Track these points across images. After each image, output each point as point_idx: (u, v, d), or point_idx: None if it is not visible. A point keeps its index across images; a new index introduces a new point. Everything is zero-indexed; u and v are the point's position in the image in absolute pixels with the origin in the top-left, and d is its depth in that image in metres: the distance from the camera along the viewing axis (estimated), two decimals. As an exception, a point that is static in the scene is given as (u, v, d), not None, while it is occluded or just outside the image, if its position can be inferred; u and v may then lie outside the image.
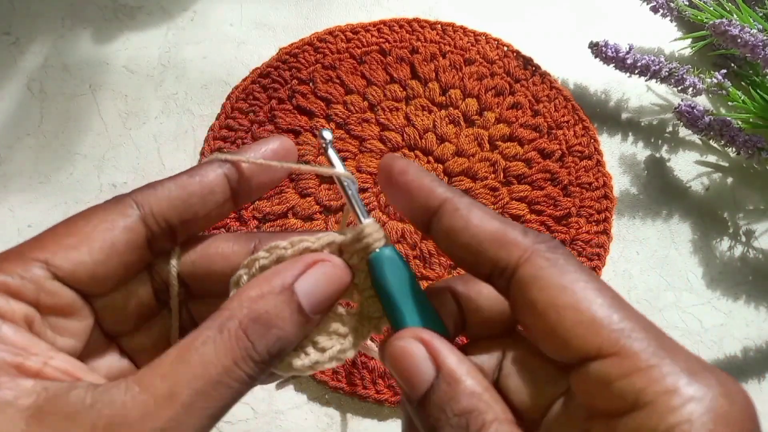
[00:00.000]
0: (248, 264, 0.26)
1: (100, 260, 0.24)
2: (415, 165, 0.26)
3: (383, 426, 0.51)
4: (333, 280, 0.25)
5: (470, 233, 0.23)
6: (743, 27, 0.54)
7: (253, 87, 0.61)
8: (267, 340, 0.23)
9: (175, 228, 0.26)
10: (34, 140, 0.59)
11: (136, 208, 0.26)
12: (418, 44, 0.63)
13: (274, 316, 0.23)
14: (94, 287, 0.25)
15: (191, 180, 0.27)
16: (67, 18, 0.65)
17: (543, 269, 0.22)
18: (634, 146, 0.62)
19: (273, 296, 0.23)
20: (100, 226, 0.25)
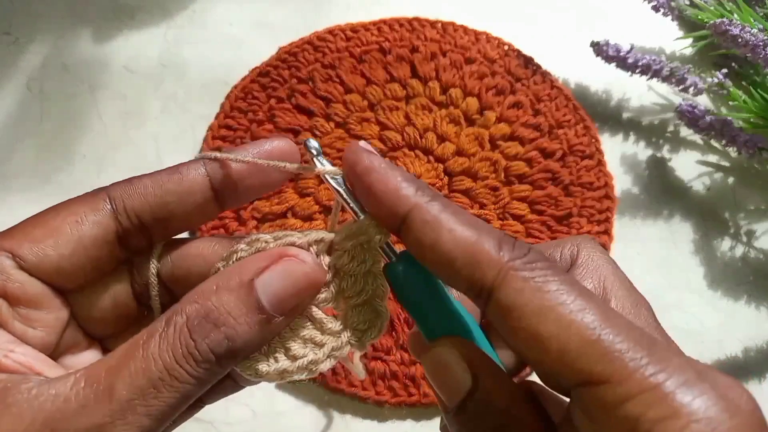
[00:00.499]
0: (227, 257, 0.25)
1: (66, 254, 0.24)
2: (379, 160, 0.23)
3: (383, 427, 0.50)
4: (299, 278, 0.23)
5: (440, 250, 0.21)
6: (744, 27, 0.54)
7: (253, 86, 0.61)
8: (211, 339, 0.21)
9: (148, 226, 0.25)
10: (33, 140, 0.59)
11: (108, 203, 0.25)
12: (419, 43, 0.63)
13: (225, 313, 0.21)
14: (61, 280, 0.24)
15: (169, 177, 0.26)
16: (67, 18, 0.65)
17: (520, 293, 0.20)
18: (636, 146, 0.62)
19: (227, 292, 0.22)
20: (68, 219, 0.24)
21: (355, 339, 0.25)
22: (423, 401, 0.50)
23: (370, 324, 0.25)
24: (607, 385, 0.19)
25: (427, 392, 0.50)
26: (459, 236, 0.21)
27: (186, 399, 0.21)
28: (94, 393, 0.20)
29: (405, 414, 0.51)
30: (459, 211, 0.22)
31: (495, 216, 0.57)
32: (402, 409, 0.50)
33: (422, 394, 0.50)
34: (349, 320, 0.25)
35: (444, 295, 0.25)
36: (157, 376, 0.20)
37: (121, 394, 0.20)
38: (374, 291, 0.26)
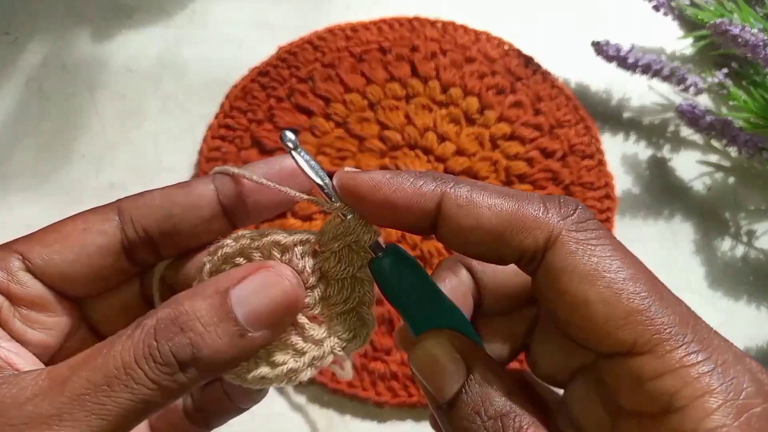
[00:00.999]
0: (213, 251, 0.25)
1: (70, 260, 0.24)
2: (377, 173, 0.22)
3: (383, 428, 0.50)
4: (277, 292, 0.22)
5: (485, 228, 0.21)
6: (744, 26, 0.54)
7: (252, 86, 0.61)
8: (174, 342, 0.21)
9: (155, 239, 0.25)
10: (33, 140, 0.59)
11: (116, 214, 0.25)
12: (419, 42, 0.63)
13: (194, 318, 0.21)
14: (65, 285, 0.25)
15: (177, 190, 0.26)
16: (67, 18, 0.65)
17: (572, 255, 0.20)
18: (636, 146, 0.62)
19: (201, 299, 0.21)
20: (77, 227, 0.25)
21: (339, 348, 0.24)
22: (423, 402, 0.50)
23: (356, 333, 0.25)
24: (647, 356, 0.19)
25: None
26: (500, 209, 0.21)
27: (144, 405, 0.20)
28: (49, 385, 0.20)
29: (405, 414, 0.50)
30: (488, 187, 0.21)
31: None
32: (402, 409, 0.50)
33: (422, 394, 0.50)
34: (333, 328, 0.24)
35: (434, 289, 0.24)
36: (113, 373, 0.20)
37: (74, 387, 0.19)
38: (361, 298, 0.25)
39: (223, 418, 0.29)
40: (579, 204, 0.21)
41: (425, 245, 0.55)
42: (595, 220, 0.21)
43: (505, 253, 0.21)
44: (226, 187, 0.26)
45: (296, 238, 0.24)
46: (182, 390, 0.21)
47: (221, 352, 0.21)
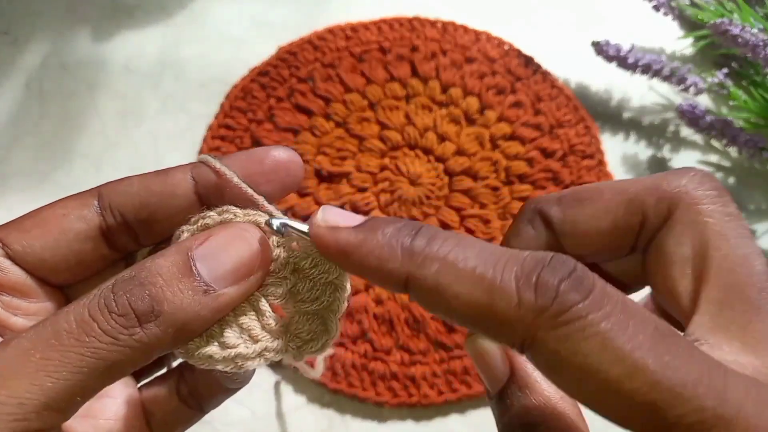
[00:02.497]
0: (192, 221, 0.24)
1: (49, 245, 0.24)
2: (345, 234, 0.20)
3: (383, 428, 0.50)
4: (240, 246, 0.22)
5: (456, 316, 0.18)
6: (744, 26, 0.54)
7: (252, 86, 0.61)
8: (132, 293, 0.20)
9: (133, 225, 0.25)
10: (32, 139, 0.59)
11: (96, 199, 0.25)
12: (419, 42, 0.63)
13: (154, 274, 0.20)
14: (44, 271, 0.25)
15: (155, 179, 0.25)
16: (66, 17, 0.65)
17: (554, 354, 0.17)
18: (636, 146, 0.62)
19: (162, 258, 0.21)
20: (56, 212, 0.25)
21: (294, 347, 0.23)
22: (423, 402, 0.50)
23: (314, 336, 0.24)
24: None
25: (426, 393, 0.50)
26: (467, 301, 0.18)
27: (99, 363, 0.19)
28: (11, 353, 0.19)
29: (405, 414, 0.50)
30: (459, 258, 0.18)
31: (495, 216, 0.56)
32: (402, 409, 0.50)
33: (422, 394, 0.50)
34: (293, 325, 0.23)
35: None
36: (63, 327, 0.19)
37: (19, 343, 0.19)
38: (330, 304, 0.24)
39: (215, 400, 0.28)
40: (564, 278, 0.17)
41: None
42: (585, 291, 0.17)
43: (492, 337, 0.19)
44: (204, 178, 0.25)
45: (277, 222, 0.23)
46: (143, 350, 0.20)
47: (183, 308, 0.20)
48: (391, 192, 0.56)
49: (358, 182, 0.57)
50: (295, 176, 0.25)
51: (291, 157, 0.25)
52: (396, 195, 0.56)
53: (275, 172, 0.25)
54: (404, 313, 0.52)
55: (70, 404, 0.19)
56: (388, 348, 0.51)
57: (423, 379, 0.50)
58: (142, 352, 0.20)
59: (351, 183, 0.57)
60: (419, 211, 0.56)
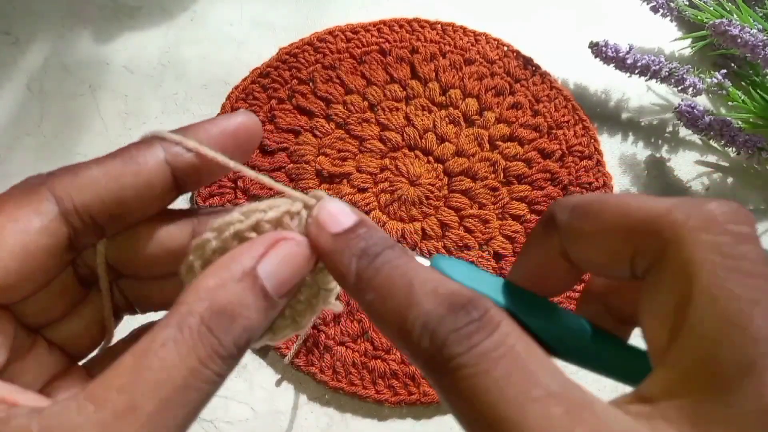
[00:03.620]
0: (219, 228, 0.23)
1: (12, 270, 0.20)
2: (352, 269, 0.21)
3: (383, 426, 0.51)
4: (298, 260, 0.22)
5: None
6: (743, 27, 0.54)
7: (253, 87, 0.61)
8: (234, 334, 0.20)
9: (102, 225, 0.22)
10: (33, 140, 0.59)
11: (53, 202, 0.21)
12: (418, 44, 0.63)
13: (238, 305, 0.20)
14: (6, 297, 0.21)
15: (124, 168, 0.22)
16: (67, 18, 0.65)
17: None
18: (635, 146, 0.62)
19: (234, 284, 0.20)
20: (9, 228, 0.20)
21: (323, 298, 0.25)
22: (423, 400, 0.50)
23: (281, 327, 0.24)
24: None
25: (427, 391, 0.50)
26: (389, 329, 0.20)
27: (210, 398, 0.20)
28: (112, 415, 0.18)
29: (405, 413, 0.51)
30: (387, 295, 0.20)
31: (494, 216, 0.57)
32: (402, 408, 0.51)
33: (422, 393, 0.50)
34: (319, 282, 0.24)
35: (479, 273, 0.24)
36: (182, 383, 0.19)
37: (148, 409, 0.18)
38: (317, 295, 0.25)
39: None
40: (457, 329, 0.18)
41: (425, 245, 0.55)
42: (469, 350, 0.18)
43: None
44: (176, 157, 0.23)
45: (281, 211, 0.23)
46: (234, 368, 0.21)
47: (262, 326, 0.21)
48: (391, 192, 0.57)
49: (359, 183, 0.57)
50: (258, 138, 0.25)
51: (255, 121, 0.24)
52: (396, 195, 0.57)
53: (246, 141, 0.24)
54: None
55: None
56: (388, 347, 0.51)
57: (423, 378, 0.51)
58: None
59: (351, 183, 0.57)
60: (419, 211, 0.56)
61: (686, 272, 0.17)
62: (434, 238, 0.55)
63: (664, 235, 0.18)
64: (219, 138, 0.24)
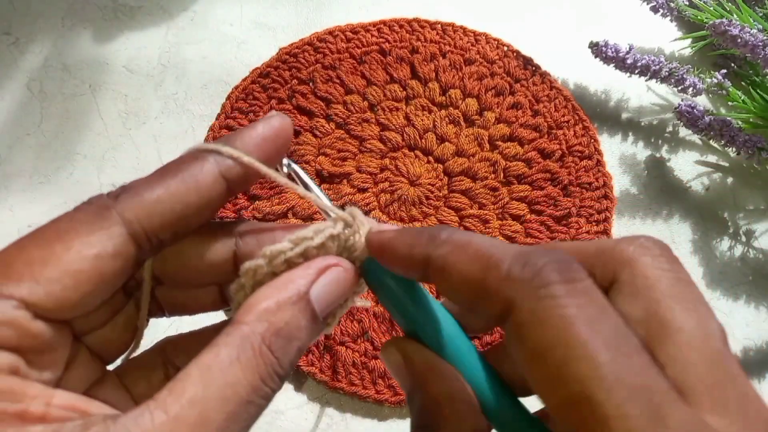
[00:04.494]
0: (249, 270, 0.24)
1: (87, 292, 0.21)
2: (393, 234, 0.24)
3: (383, 426, 0.51)
4: (344, 285, 0.25)
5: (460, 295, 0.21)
6: (743, 27, 0.54)
7: (253, 87, 0.61)
8: (290, 354, 0.22)
9: (165, 241, 0.23)
10: (33, 140, 0.59)
11: (122, 225, 0.22)
12: (418, 44, 0.63)
13: (294, 327, 0.22)
14: (76, 318, 0.22)
15: (186, 188, 0.23)
16: (67, 18, 0.65)
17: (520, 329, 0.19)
18: (634, 146, 0.62)
19: (290, 306, 0.22)
20: (84, 253, 0.21)
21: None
22: (423, 401, 0.50)
23: None
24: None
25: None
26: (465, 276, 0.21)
27: (263, 410, 0.22)
28: (185, 426, 0.19)
29: (405, 413, 0.51)
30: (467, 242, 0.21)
31: (494, 216, 0.57)
32: (402, 408, 0.51)
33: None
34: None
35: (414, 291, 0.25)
36: (246, 399, 0.20)
37: (217, 423, 0.19)
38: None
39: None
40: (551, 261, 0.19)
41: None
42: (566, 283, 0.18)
43: (482, 315, 0.22)
44: (228, 169, 0.24)
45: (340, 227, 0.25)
46: None
47: (309, 345, 0.23)
48: (391, 192, 0.57)
49: (359, 183, 0.57)
50: (290, 137, 0.26)
51: (288, 121, 0.26)
52: (396, 195, 0.57)
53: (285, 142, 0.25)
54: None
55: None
56: (388, 347, 0.51)
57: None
58: None
59: (351, 183, 0.57)
60: (419, 211, 0.56)
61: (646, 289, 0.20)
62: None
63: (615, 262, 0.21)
64: (262, 145, 0.25)
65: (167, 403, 0.19)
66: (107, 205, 0.22)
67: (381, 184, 0.57)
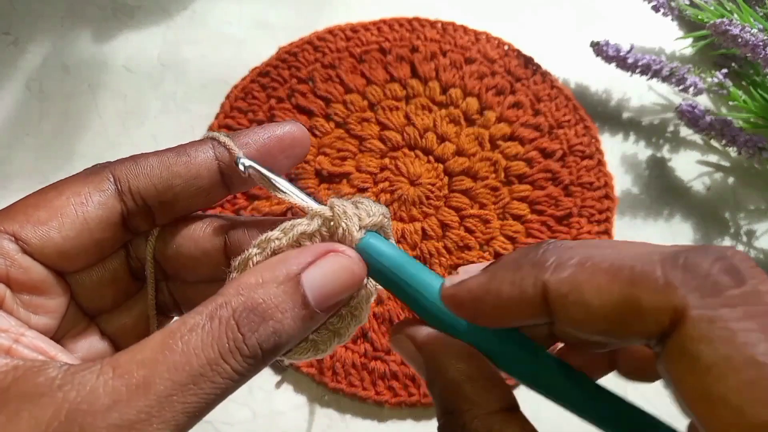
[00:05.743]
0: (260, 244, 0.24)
1: (70, 236, 0.23)
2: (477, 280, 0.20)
3: (383, 427, 0.50)
4: (347, 275, 0.22)
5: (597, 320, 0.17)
6: (744, 26, 0.54)
7: (253, 86, 0.61)
8: (260, 333, 0.20)
9: (152, 208, 0.25)
10: (33, 140, 0.59)
11: (113, 182, 0.24)
12: (418, 43, 0.63)
13: (273, 306, 0.20)
14: (63, 264, 0.23)
15: (177, 159, 0.24)
16: (67, 18, 0.65)
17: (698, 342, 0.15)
18: (636, 146, 0.62)
19: (275, 285, 0.21)
20: (72, 200, 0.23)
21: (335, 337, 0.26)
22: (423, 401, 0.50)
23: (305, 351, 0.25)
24: None
25: (426, 392, 0.50)
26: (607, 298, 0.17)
27: (224, 395, 0.20)
28: (126, 386, 0.18)
29: (405, 414, 0.51)
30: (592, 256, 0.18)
31: (495, 216, 0.57)
32: (402, 409, 0.50)
33: (422, 394, 0.50)
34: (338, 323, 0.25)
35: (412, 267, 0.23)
36: (199, 371, 0.19)
37: (159, 389, 0.18)
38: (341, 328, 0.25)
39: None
40: (717, 260, 0.16)
41: (425, 245, 0.55)
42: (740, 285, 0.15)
43: (627, 339, 0.18)
44: (225, 155, 0.25)
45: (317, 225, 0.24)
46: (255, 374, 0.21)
47: (295, 337, 0.21)
48: (391, 192, 0.57)
49: (359, 182, 0.57)
50: (305, 149, 0.26)
51: (304, 132, 0.26)
52: (396, 195, 0.56)
53: (292, 148, 0.26)
54: (404, 312, 0.52)
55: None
56: (388, 348, 0.51)
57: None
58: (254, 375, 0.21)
59: (351, 183, 0.57)
60: (419, 211, 0.56)
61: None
62: (434, 238, 0.55)
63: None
64: (267, 141, 0.25)
65: (120, 362, 0.19)
66: (104, 166, 0.25)
67: (381, 184, 0.57)
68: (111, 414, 0.18)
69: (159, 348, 0.19)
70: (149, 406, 0.18)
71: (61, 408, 0.18)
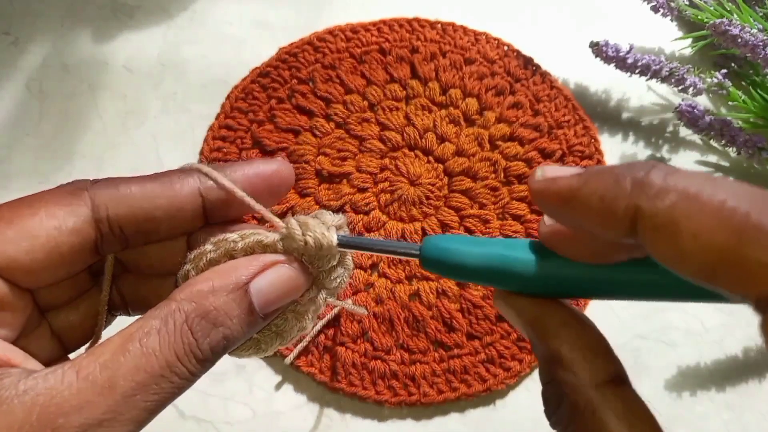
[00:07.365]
0: (194, 259, 0.25)
1: (39, 259, 0.23)
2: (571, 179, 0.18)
3: (383, 427, 0.50)
4: (290, 286, 0.24)
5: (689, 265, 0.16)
6: (743, 27, 0.54)
7: (253, 86, 0.61)
8: (212, 339, 0.22)
9: (128, 237, 0.25)
10: (33, 140, 0.59)
11: (89, 208, 0.23)
12: (418, 43, 0.63)
13: (223, 314, 0.22)
14: (29, 281, 0.23)
15: (161, 190, 0.24)
16: (67, 18, 0.65)
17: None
18: (635, 146, 0.62)
19: (224, 293, 0.22)
20: (45, 222, 0.23)
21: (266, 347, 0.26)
22: (423, 401, 0.50)
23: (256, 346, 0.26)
24: None
25: (426, 392, 0.50)
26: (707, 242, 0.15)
27: (180, 392, 0.22)
28: (91, 387, 0.20)
29: (405, 413, 0.51)
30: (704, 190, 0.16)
31: (495, 216, 0.57)
32: (402, 408, 0.50)
33: (422, 393, 0.50)
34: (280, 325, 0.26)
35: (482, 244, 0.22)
36: (159, 372, 0.21)
37: (124, 389, 0.20)
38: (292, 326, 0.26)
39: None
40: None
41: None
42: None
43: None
44: (210, 188, 0.25)
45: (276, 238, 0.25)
46: (205, 372, 0.23)
47: (241, 339, 0.23)
48: (391, 192, 0.57)
49: (359, 183, 0.57)
50: (290, 186, 0.27)
51: (290, 170, 0.27)
52: (396, 195, 0.56)
53: (278, 187, 0.26)
54: (404, 312, 0.52)
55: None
56: (388, 347, 0.51)
57: (423, 378, 0.50)
58: (204, 373, 0.23)
59: (351, 183, 0.57)
60: (419, 211, 0.56)
61: None
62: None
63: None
64: (253, 179, 0.26)
65: (82, 365, 0.20)
66: (83, 187, 0.24)
67: (381, 184, 0.57)
68: (81, 414, 0.19)
69: (119, 351, 0.20)
70: (115, 405, 0.20)
71: (32, 411, 0.19)
